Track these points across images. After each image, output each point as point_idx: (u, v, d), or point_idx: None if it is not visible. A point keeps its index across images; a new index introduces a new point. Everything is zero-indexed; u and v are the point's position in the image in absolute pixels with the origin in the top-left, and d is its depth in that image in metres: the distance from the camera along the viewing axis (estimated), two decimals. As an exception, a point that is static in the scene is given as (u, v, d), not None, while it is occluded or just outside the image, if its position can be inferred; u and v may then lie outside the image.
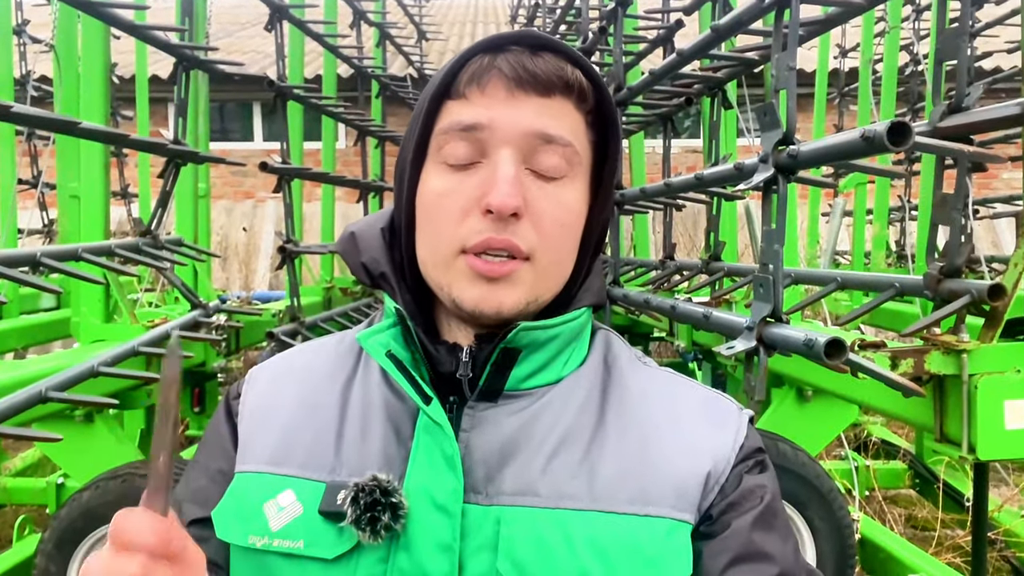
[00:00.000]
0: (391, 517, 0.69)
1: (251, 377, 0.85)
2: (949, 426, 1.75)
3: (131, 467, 2.81)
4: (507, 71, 0.71)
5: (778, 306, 1.60)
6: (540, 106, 0.72)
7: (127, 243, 2.66)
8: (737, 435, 0.76)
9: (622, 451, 0.73)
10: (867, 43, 5.26)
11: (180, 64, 2.81)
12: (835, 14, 1.98)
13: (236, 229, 8.52)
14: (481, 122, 0.71)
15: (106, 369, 2.23)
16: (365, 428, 0.75)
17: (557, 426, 0.74)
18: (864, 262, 5.21)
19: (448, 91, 0.73)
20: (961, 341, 1.70)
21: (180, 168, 2.87)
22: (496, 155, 0.71)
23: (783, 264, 1.58)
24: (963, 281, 1.69)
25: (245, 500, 0.75)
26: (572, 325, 0.77)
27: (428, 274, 0.75)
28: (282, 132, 3.62)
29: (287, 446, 0.76)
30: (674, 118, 3.64)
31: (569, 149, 0.73)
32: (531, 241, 0.71)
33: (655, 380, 0.81)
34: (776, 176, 1.57)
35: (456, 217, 0.71)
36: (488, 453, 0.72)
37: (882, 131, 1.20)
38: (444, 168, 0.72)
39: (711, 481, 0.72)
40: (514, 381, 0.75)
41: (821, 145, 1.42)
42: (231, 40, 9.86)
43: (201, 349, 3.28)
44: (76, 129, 1.92)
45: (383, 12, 5.16)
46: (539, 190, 0.72)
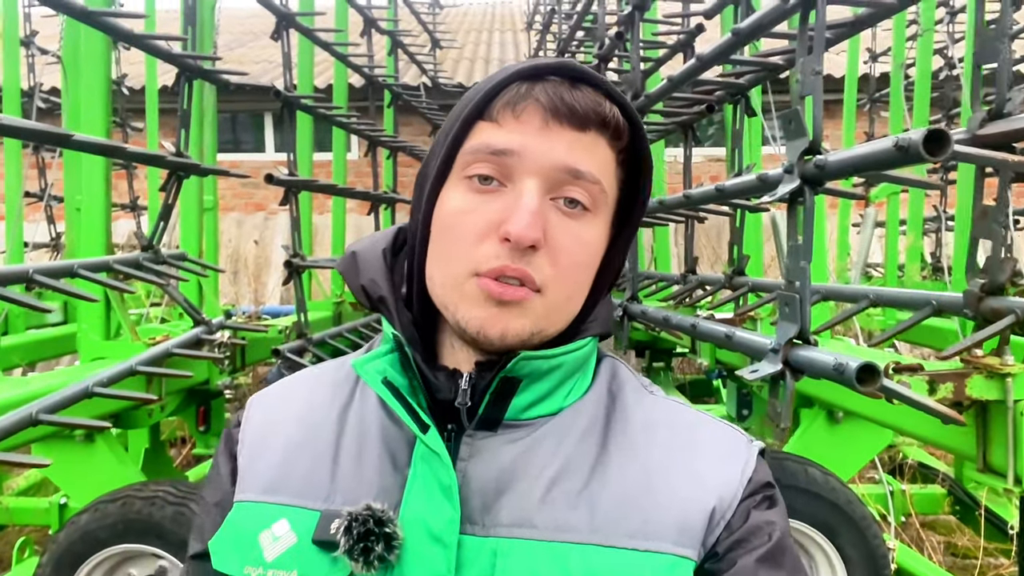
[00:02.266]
0: (384, 548, 0.68)
1: (250, 405, 0.85)
2: (993, 455, 1.61)
3: (131, 489, 2.75)
4: (544, 101, 0.71)
5: (805, 326, 1.48)
6: (573, 140, 0.71)
7: (127, 258, 2.58)
8: (745, 469, 0.74)
9: (624, 483, 0.72)
10: (899, 46, 5.12)
11: (183, 74, 2.73)
12: (864, 16, 1.86)
13: (247, 242, 8.46)
14: (512, 148, 0.70)
15: (101, 390, 2.14)
16: (361, 455, 0.74)
17: (557, 456, 0.72)
18: (897, 275, 5.05)
19: (481, 113, 0.73)
20: (1005, 364, 1.57)
21: (182, 180, 2.79)
22: (522, 183, 0.70)
23: (811, 280, 1.46)
24: (1006, 299, 1.56)
25: (241, 530, 0.75)
26: (576, 355, 0.75)
27: (435, 292, 0.73)
28: (289, 143, 3.54)
29: (283, 474, 0.76)
30: (696, 126, 3.53)
31: (596, 187, 0.72)
32: (545, 274, 0.70)
33: (662, 410, 0.79)
34: (802, 187, 1.46)
35: (473, 239, 0.70)
36: (485, 483, 0.71)
37: (918, 140, 1.08)
38: (467, 188, 0.72)
39: (716, 517, 0.71)
40: (514, 411, 0.74)
41: (851, 155, 1.30)
42: (243, 50, 9.85)
43: (205, 367, 3.20)
44: (70, 141, 1.84)
45: (395, 20, 5.08)
46: (560, 223, 0.71)
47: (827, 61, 6.08)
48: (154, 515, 2.66)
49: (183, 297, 2.95)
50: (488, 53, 10.69)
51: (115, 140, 2.77)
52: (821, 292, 2.34)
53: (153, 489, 2.74)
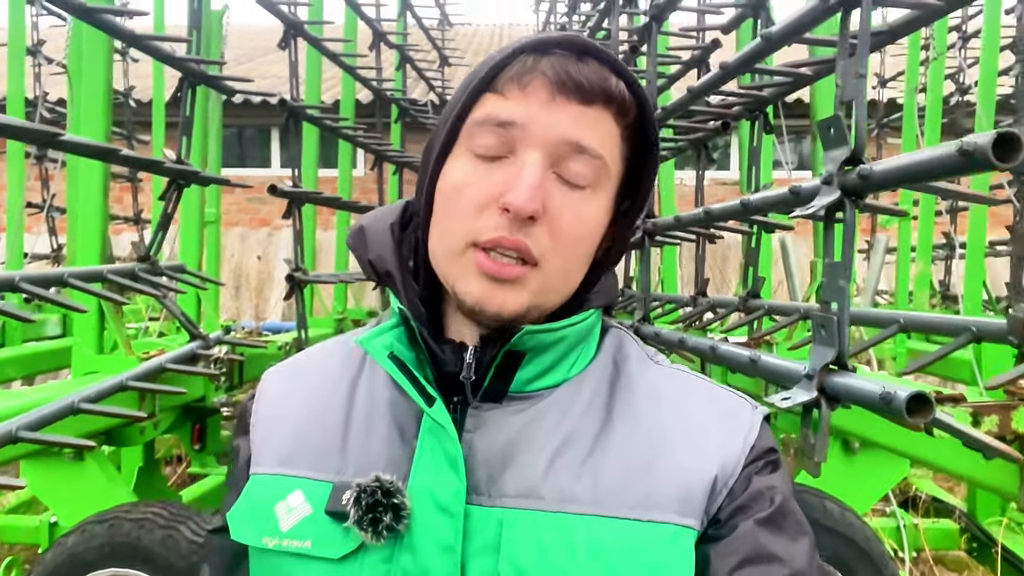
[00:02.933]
0: (393, 518, 0.69)
1: (264, 380, 0.86)
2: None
3: (120, 511, 2.64)
4: (551, 74, 0.71)
5: (843, 351, 1.37)
6: (579, 114, 0.71)
7: (122, 269, 2.48)
8: (748, 435, 0.74)
9: (628, 453, 0.72)
10: (912, 70, 5.06)
11: (186, 79, 2.64)
12: (900, 24, 1.77)
13: (250, 257, 8.38)
14: (517, 120, 0.70)
15: (87, 406, 2.03)
16: (370, 428, 0.76)
17: (561, 427, 0.73)
18: (907, 302, 4.95)
19: (488, 85, 0.73)
20: (1058, 396, 1.46)
21: (182, 189, 2.69)
22: (525, 155, 0.70)
23: (849, 302, 1.35)
24: (1059, 326, 1.46)
25: (257, 501, 0.76)
26: (580, 327, 0.76)
27: (437, 264, 0.74)
28: (294, 155, 3.46)
29: (297, 447, 0.77)
30: (709, 145, 3.43)
31: (599, 161, 0.72)
32: (543, 246, 0.70)
33: (666, 379, 0.79)
34: (842, 200, 1.35)
35: (473, 209, 0.70)
36: (491, 454, 0.72)
37: (986, 143, 0.98)
38: (470, 158, 0.72)
39: (719, 485, 0.71)
40: (519, 383, 0.75)
41: (902, 162, 1.19)
42: (252, 65, 9.84)
43: (200, 383, 3.10)
44: (58, 141, 1.74)
45: (404, 33, 5.01)
46: (561, 196, 0.71)
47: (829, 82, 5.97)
48: (143, 538, 2.57)
49: (180, 310, 2.85)
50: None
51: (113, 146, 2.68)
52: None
53: (143, 511, 2.64)
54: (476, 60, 10.72)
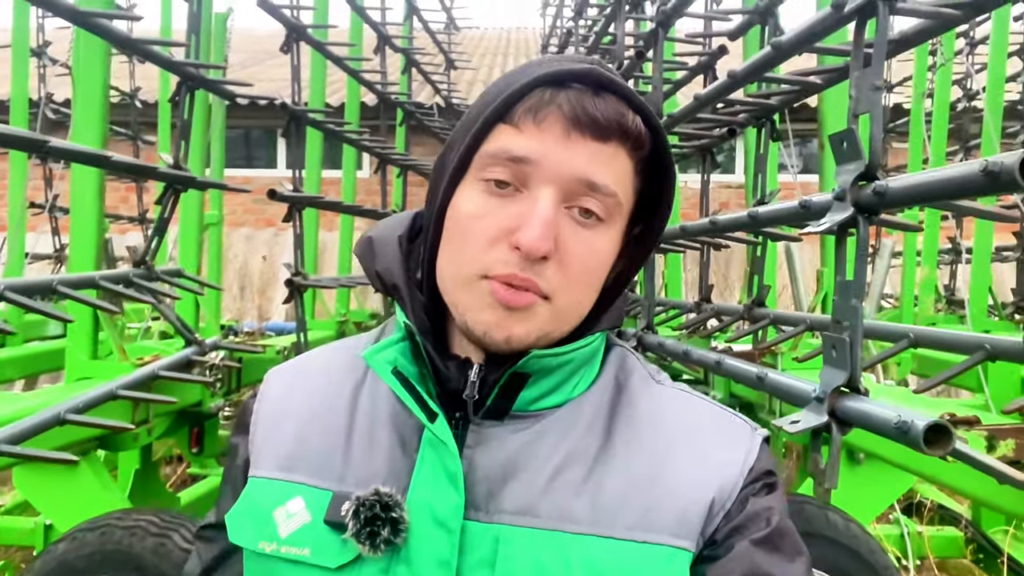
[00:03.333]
0: (391, 532, 0.69)
1: (267, 380, 0.86)
2: (1060, 523, 1.44)
3: (111, 518, 2.59)
4: (567, 110, 0.70)
5: (856, 373, 1.31)
6: (594, 151, 0.71)
7: (114, 275, 2.43)
8: (747, 458, 0.74)
9: (627, 473, 0.72)
10: (920, 76, 5.02)
11: (184, 83, 2.60)
12: (911, 33, 1.71)
13: (256, 257, 8.35)
14: (531, 156, 0.70)
15: (73, 417, 1.98)
16: (372, 438, 0.76)
17: (561, 446, 0.73)
18: (912, 307, 4.90)
19: (502, 116, 0.72)
20: (1078, 421, 1.41)
21: (179, 194, 2.65)
22: (538, 191, 0.70)
23: (862, 321, 1.30)
24: (1078, 348, 1.40)
25: (256, 505, 0.76)
26: (585, 351, 0.76)
27: (446, 289, 0.74)
28: (296, 158, 3.41)
29: (298, 452, 0.77)
30: (713, 152, 3.38)
31: (612, 200, 0.72)
32: (554, 284, 0.70)
33: (668, 400, 0.79)
34: (855, 217, 1.30)
35: (484, 242, 0.70)
36: (491, 470, 0.72)
37: (1013, 163, 0.92)
38: (483, 189, 0.72)
39: (716, 507, 0.71)
40: (522, 403, 0.75)
41: (919, 180, 1.14)
42: (258, 68, 9.81)
43: (197, 389, 3.05)
44: (46, 148, 1.70)
45: (410, 37, 4.97)
46: (572, 232, 0.71)
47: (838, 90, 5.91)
48: (134, 546, 2.52)
49: (175, 315, 2.80)
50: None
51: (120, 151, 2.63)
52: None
53: (135, 519, 2.59)
54: (483, 63, 10.72)
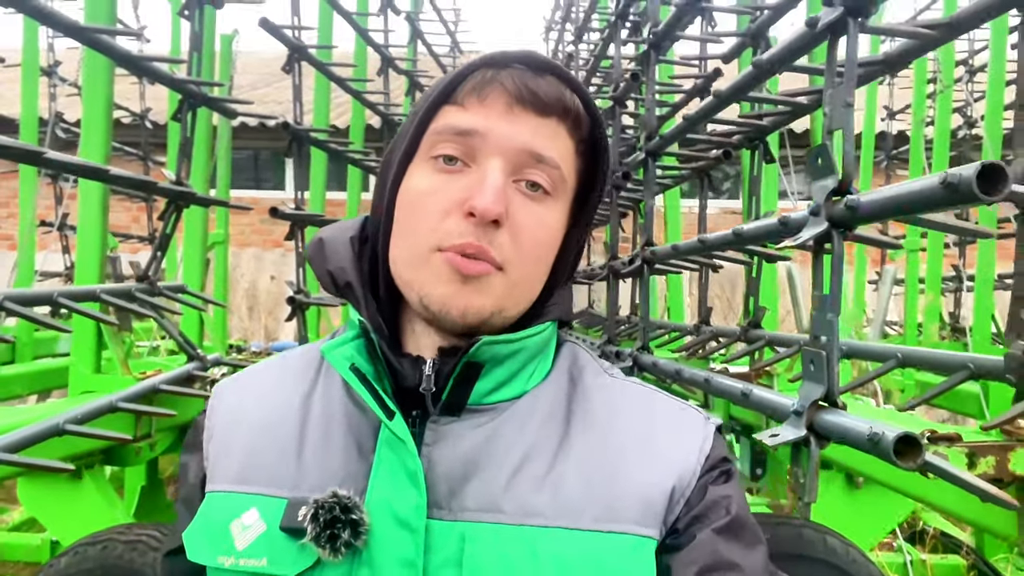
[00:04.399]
0: (351, 534, 0.69)
1: (215, 395, 0.85)
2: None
3: (113, 532, 2.61)
4: (509, 86, 0.73)
5: (833, 387, 1.33)
6: (536, 125, 0.73)
7: (117, 289, 2.47)
8: (703, 446, 0.75)
9: (587, 466, 0.73)
10: (919, 102, 5.05)
11: (185, 101, 2.65)
12: (896, 55, 1.74)
13: (264, 277, 8.42)
14: (477, 128, 0.72)
15: (73, 428, 2.02)
16: (326, 442, 0.75)
17: (520, 440, 0.74)
18: (916, 334, 4.89)
19: (448, 98, 0.74)
20: (1055, 437, 1.42)
21: (181, 210, 2.69)
22: (486, 163, 0.72)
23: (838, 336, 1.32)
24: (1056, 364, 1.41)
25: (213, 520, 0.75)
26: (536, 339, 0.77)
27: (399, 272, 0.75)
28: (300, 178, 3.46)
29: (251, 463, 0.76)
30: (711, 174, 3.41)
31: (557, 172, 0.74)
32: (506, 252, 0.72)
33: (622, 393, 0.80)
34: (830, 231, 1.32)
35: (437, 216, 0.72)
36: (451, 468, 0.72)
37: (970, 175, 0.95)
38: (431, 167, 0.74)
39: (676, 495, 0.72)
40: (477, 395, 0.75)
41: (888, 194, 1.16)
42: (267, 90, 9.93)
43: (199, 404, 3.08)
44: (41, 159, 1.74)
45: (414, 60, 5.03)
46: (522, 204, 0.73)
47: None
48: (135, 560, 2.54)
49: (177, 331, 2.84)
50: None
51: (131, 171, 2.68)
52: (843, 350, 2.18)
53: (136, 533, 2.61)
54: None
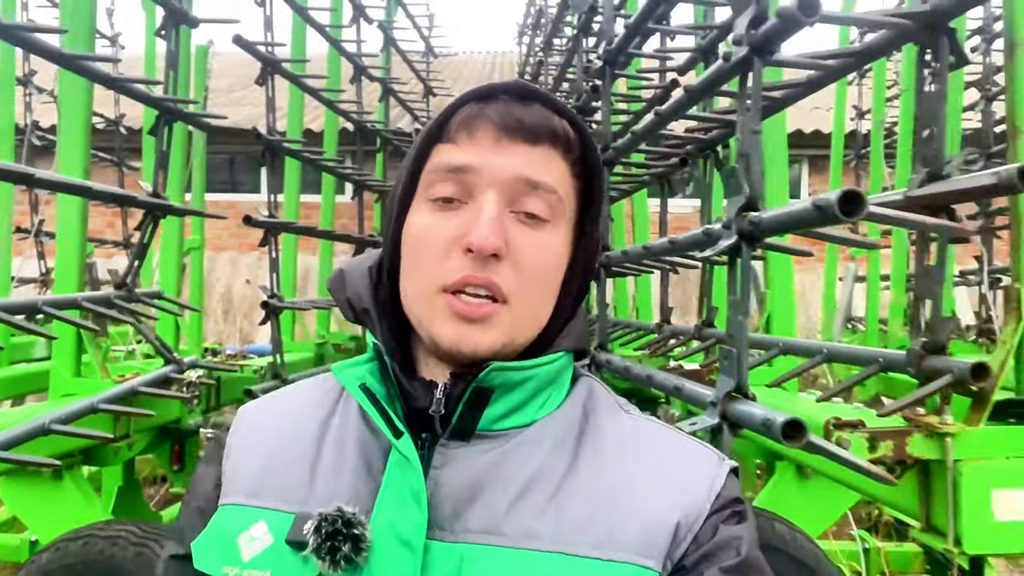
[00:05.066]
0: (352, 548, 0.69)
1: (240, 414, 0.88)
2: (935, 515, 1.60)
3: (94, 528, 2.71)
4: (496, 119, 0.74)
5: (742, 380, 1.49)
6: (527, 154, 0.74)
7: (97, 296, 2.59)
8: (713, 484, 0.74)
9: (592, 495, 0.73)
10: (878, 105, 5.23)
11: (162, 116, 2.78)
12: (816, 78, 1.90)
13: (239, 281, 8.50)
14: (469, 164, 0.73)
15: (58, 427, 2.14)
16: (338, 462, 0.77)
17: (527, 466, 0.74)
18: (880, 329, 5.06)
19: (439, 135, 0.76)
20: (945, 423, 1.57)
21: (158, 220, 2.82)
22: (481, 197, 0.73)
23: (746, 335, 1.48)
24: (946, 359, 1.57)
25: (222, 532, 0.77)
26: (548, 368, 0.77)
27: (409, 308, 0.76)
28: (273, 185, 3.59)
29: (264, 479, 0.78)
30: (671, 179, 3.57)
31: (553, 196, 0.75)
32: (510, 283, 0.72)
33: (634, 428, 0.80)
34: (739, 243, 1.48)
35: (438, 254, 0.73)
36: (456, 490, 0.72)
37: (834, 200, 1.11)
38: (430, 206, 0.75)
39: (682, 531, 0.71)
40: (487, 421, 0.75)
41: (781, 212, 1.32)
42: (244, 93, 9.99)
43: (177, 405, 3.20)
44: (33, 180, 1.86)
45: (387, 67, 5.17)
46: (521, 233, 0.73)
47: (817, 117, 6.24)
48: (115, 555, 2.62)
49: (155, 335, 2.96)
50: (486, 101, 10.89)
51: (102, 178, 2.81)
52: (780, 346, 2.35)
53: (116, 529, 2.70)
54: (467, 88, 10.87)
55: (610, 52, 2.72)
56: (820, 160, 8.28)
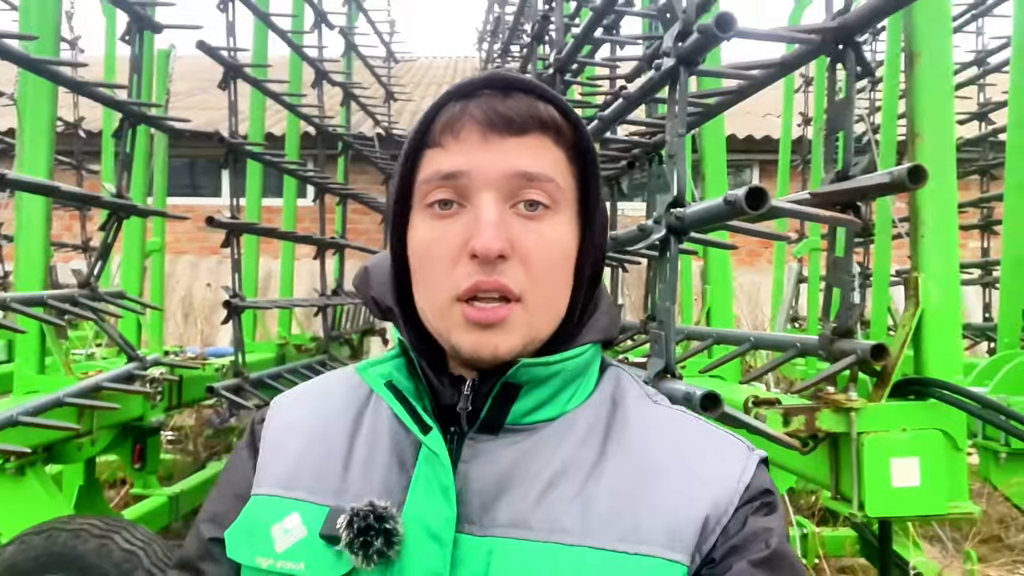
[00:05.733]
0: (384, 543, 0.70)
1: (274, 404, 0.89)
2: (843, 483, 1.78)
3: (57, 522, 2.77)
4: (479, 116, 0.72)
5: (670, 361, 1.64)
6: (516, 146, 0.73)
7: (62, 294, 2.67)
8: (743, 476, 0.74)
9: (619, 487, 0.73)
10: (818, 113, 5.47)
11: (126, 119, 2.86)
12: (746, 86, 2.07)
13: (200, 284, 8.52)
14: (461, 169, 0.72)
15: (26, 419, 2.22)
16: (371, 456, 0.78)
17: (555, 460, 0.74)
18: (820, 326, 5.27)
19: (425, 140, 0.75)
20: (850, 400, 1.74)
21: (122, 221, 2.90)
22: (478, 199, 0.72)
23: (674, 322, 1.63)
24: (852, 341, 1.75)
25: (256, 522, 0.78)
26: (575, 362, 0.77)
27: (428, 321, 0.76)
28: (236, 187, 3.68)
29: (298, 471, 0.79)
30: (620, 181, 3.73)
31: (551, 184, 0.74)
32: (521, 281, 0.71)
33: (664, 418, 0.79)
34: (668, 237, 1.63)
35: (446, 265, 0.72)
36: (485, 484, 0.73)
37: (741, 196, 1.26)
38: (429, 216, 0.74)
39: (711, 523, 0.71)
40: (515, 416, 0.76)
41: (700, 208, 1.48)
42: (205, 96, 9.98)
43: (139, 402, 3.27)
44: (3, 181, 1.94)
45: (348, 72, 5.28)
46: (524, 228, 0.72)
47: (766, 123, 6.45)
48: (78, 548, 2.68)
49: (118, 333, 3.04)
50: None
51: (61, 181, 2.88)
52: (714, 336, 2.52)
53: (79, 522, 2.76)
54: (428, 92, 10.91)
55: (560, 60, 2.87)
56: (770, 164, 8.56)
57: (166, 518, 3.94)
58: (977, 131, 5.47)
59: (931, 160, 1.79)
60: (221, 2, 3.54)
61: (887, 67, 4.77)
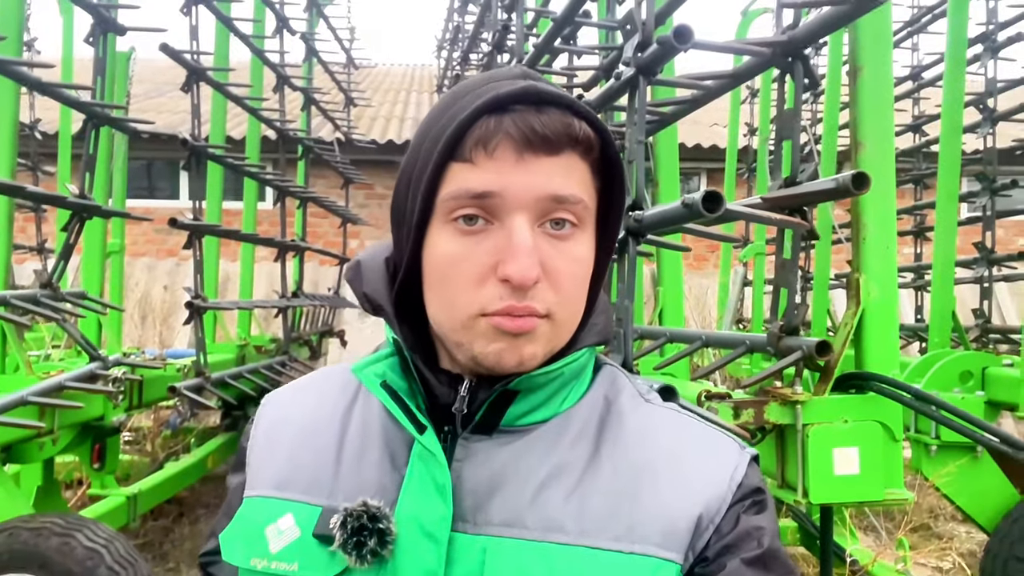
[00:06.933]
0: (377, 542, 0.71)
1: (264, 404, 0.89)
2: (788, 472, 1.89)
3: (18, 520, 2.77)
4: (515, 134, 0.69)
5: (628, 357, 1.73)
6: (550, 166, 0.71)
7: (24, 294, 2.67)
8: (735, 474, 0.74)
9: (613, 487, 0.73)
10: (764, 124, 5.67)
11: (89, 121, 2.88)
12: (700, 95, 2.18)
13: (157, 286, 8.44)
14: (493, 189, 0.70)
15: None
16: (362, 454, 0.78)
17: (549, 459, 0.74)
18: (765, 326, 5.46)
19: (453, 154, 0.71)
20: (795, 393, 1.86)
21: (85, 222, 2.91)
22: (510, 221, 0.70)
23: (632, 318, 1.72)
24: (799, 339, 1.86)
25: (250, 524, 0.78)
26: (572, 367, 0.77)
27: (444, 334, 0.75)
28: (197, 190, 3.70)
29: (290, 471, 0.79)
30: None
31: (580, 205, 0.73)
32: (550, 301, 0.71)
33: (657, 417, 0.80)
34: (626, 238, 1.72)
35: (472, 283, 0.71)
36: (478, 483, 0.73)
37: (698, 199, 1.36)
38: (454, 231, 0.72)
39: (704, 522, 0.72)
40: (510, 418, 0.76)
41: (658, 211, 1.58)
42: (163, 100, 9.91)
43: (100, 402, 3.27)
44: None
45: (309, 77, 5.31)
46: (553, 249, 0.72)
47: (713, 133, 6.67)
48: (40, 545, 2.68)
49: (80, 333, 3.04)
50: (404, 112, 11.21)
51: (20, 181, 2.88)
52: (667, 335, 2.62)
53: (40, 520, 2.76)
54: (386, 99, 10.91)
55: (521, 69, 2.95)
56: (717, 172, 8.80)
57: (124, 518, 3.93)
58: (912, 142, 5.73)
59: (873, 168, 1.91)
60: (185, 5, 3.56)
61: (828, 80, 4.96)
